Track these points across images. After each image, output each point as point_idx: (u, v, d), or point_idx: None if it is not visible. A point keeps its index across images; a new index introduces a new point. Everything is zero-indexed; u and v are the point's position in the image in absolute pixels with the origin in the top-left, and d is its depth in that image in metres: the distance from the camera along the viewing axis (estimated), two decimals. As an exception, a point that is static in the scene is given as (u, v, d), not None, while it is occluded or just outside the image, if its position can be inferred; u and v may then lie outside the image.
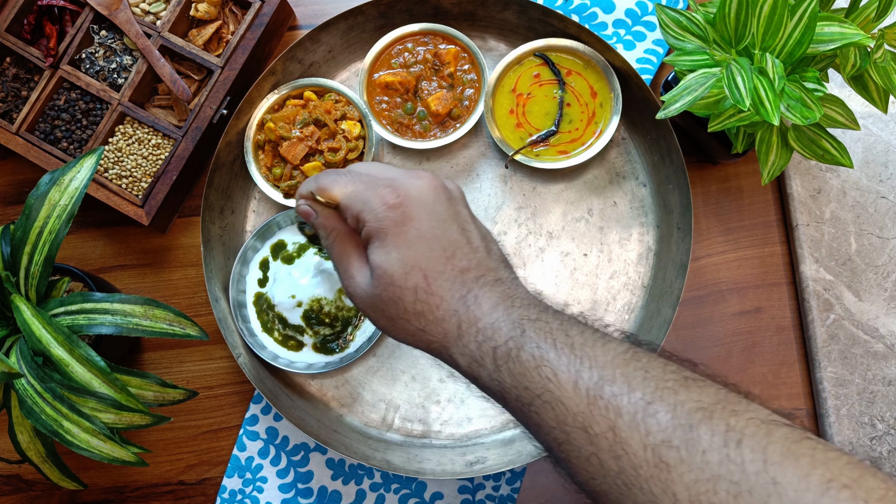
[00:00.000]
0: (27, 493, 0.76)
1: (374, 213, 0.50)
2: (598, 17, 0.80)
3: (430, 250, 0.50)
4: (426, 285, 0.49)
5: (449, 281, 0.49)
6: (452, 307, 0.49)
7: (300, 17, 0.82)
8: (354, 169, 0.54)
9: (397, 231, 0.50)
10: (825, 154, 0.63)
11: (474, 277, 0.50)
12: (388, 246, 0.50)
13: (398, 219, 0.50)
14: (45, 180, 0.60)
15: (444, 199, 0.52)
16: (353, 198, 0.51)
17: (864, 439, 0.71)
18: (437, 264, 0.50)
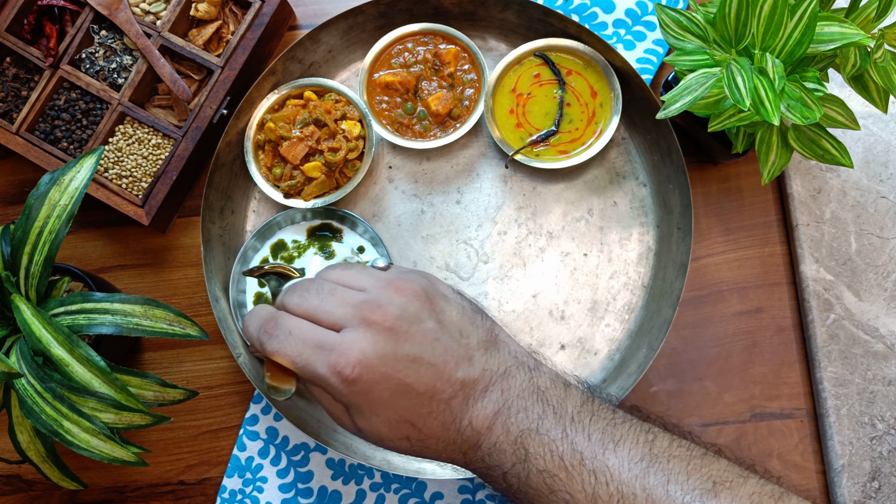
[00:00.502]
0: (27, 493, 0.76)
1: (336, 390, 0.48)
2: (598, 16, 0.80)
3: (408, 399, 0.47)
4: (417, 433, 0.48)
5: (439, 418, 0.48)
6: (451, 439, 0.48)
7: (300, 17, 0.82)
8: (313, 290, 0.51)
9: (367, 400, 0.47)
10: (825, 154, 0.63)
11: (462, 401, 0.48)
12: (365, 414, 0.48)
13: (362, 390, 0.47)
14: (45, 180, 0.60)
15: (426, 312, 0.49)
16: (307, 372, 0.48)
17: (864, 439, 0.71)
18: (421, 408, 0.48)
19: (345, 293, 0.50)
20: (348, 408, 0.49)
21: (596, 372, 0.74)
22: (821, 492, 0.73)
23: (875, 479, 0.70)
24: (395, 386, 0.47)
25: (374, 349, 0.47)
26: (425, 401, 0.48)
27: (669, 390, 0.75)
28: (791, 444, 0.74)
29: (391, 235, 0.76)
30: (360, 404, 0.48)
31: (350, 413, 0.49)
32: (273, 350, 0.50)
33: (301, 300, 0.51)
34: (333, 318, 0.49)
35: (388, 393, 0.47)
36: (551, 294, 0.75)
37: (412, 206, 0.77)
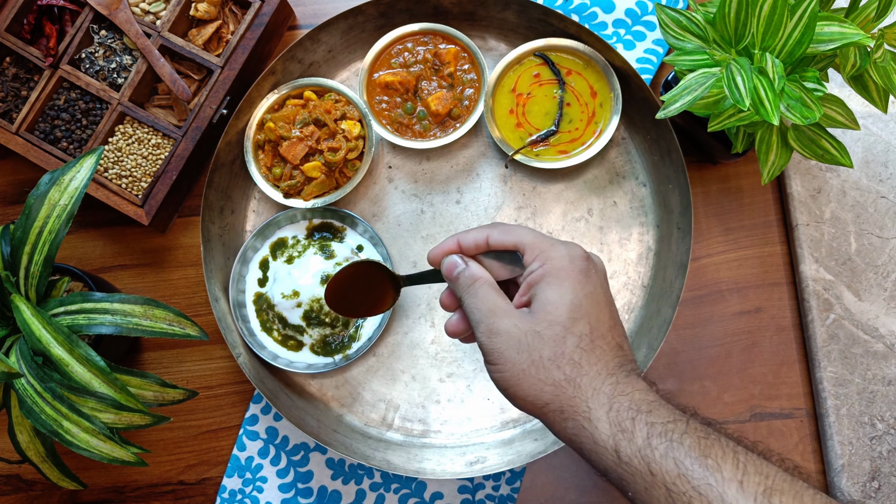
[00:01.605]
0: (27, 492, 0.76)
1: (561, 256, 0.50)
2: (598, 16, 0.80)
3: (599, 310, 0.49)
4: (590, 338, 0.48)
5: (609, 346, 0.49)
6: (610, 369, 0.48)
7: (300, 16, 0.82)
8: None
9: (579, 278, 0.49)
10: (825, 154, 0.63)
11: (627, 357, 0.49)
12: (564, 287, 0.49)
13: (583, 269, 0.50)
14: (44, 180, 0.60)
15: (606, 284, 0.52)
16: (542, 239, 0.51)
17: (864, 439, 0.71)
18: (602, 326, 0.49)
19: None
20: (545, 277, 0.50)
21: (596, 372, 0.74)
22: (821, 491, 0.73)
23: (875, 478, 0.70)
24: (599, 295, 0.50)
25: (598, 263, 0.52)
26: (608, 326, 0.50)
27: (669, 390, 0.75)
28: (791, 444, 0.74)
29: (391, 235, 0.76)
30: (569, 275, 0.49)
31: (539, 284, 0.50)
32: (506, 228, 0.53)
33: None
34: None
35: (592, 289, 0.50)
36: (551, 294, 0.75)
37: (412, 205, 0.77)
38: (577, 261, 0.50)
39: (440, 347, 0.75)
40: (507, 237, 0.52)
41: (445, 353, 0.75)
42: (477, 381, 0.74)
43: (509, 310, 0.50)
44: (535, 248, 0.50)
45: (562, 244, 0.51)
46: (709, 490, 0.42)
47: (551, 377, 0.47)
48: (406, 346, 0.75)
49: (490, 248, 0.53)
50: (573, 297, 0.49)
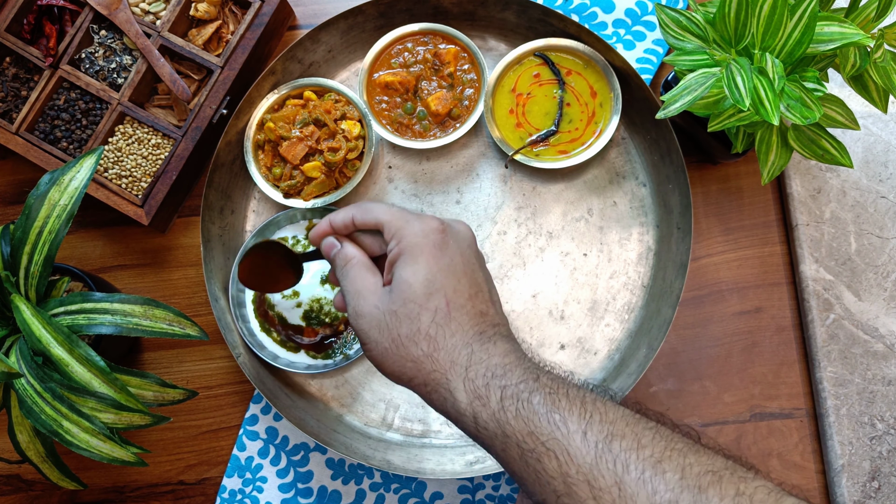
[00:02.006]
0: (27, 492, 0.76)
1: (416, 231, 0.51)
2: (597, 16, 0.80)
3: (457, 282, 0.50)
4: (446, 311, 0.49)
5: (468, 316, 0.50)
6: (467, 340, 0.49)
7: (300, 16, 0.82)
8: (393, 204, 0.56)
9: (433, 252, 0.50)
10: (825, 154, 0.63)
11: (491, 323, 0.50)
12: (419, 263, 0.50)
13: (438, 242, 0.51)
14: (44, 180, 0.60)
15: (475, 248, 0.53)
16: (398, 216, 0.52)
17: (864, 439, 0.71)
18: (460, 297, 0.50)
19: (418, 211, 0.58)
20: (402, 255, 0.51)
21: (596, 372, 0.74)
22: (820, 492, 0.73)
23: (875, 478, 0.70)
24: (457, 265, 0.51)
25: (459, 228, 0.53)
26: (467, 296, 0.50)
27: (669, 390, 0.75)
28: (791, 444, 0.74)
29: (391, 235, 0.76)
30: (422, 250, 0.50)
31: (398, 263, 0.51)
32: (366, 206, 0.54)
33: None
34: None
35: (448, 262, 0.50)
36: (551, 294, 0.75)
37: (412, 205, 0.77)
38: (430, 235, 0.51)
39: (440, 347, 0.75)
40: (368, 216, 0.53)
41: (445, 353, 0.75)
42: (477, 381, 0.74)
43: (375, 290, 0.52)
44: (391, 227, 0.52)
45: (417, 219, 0.52)
46: (555, 444, 0.43)
47: (410, 354, 0.49)
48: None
49: (357, 229, 0.55)
50: (427, 273, 0.49)
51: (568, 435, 0.43)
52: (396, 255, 0.51)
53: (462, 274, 0.51)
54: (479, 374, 0.47)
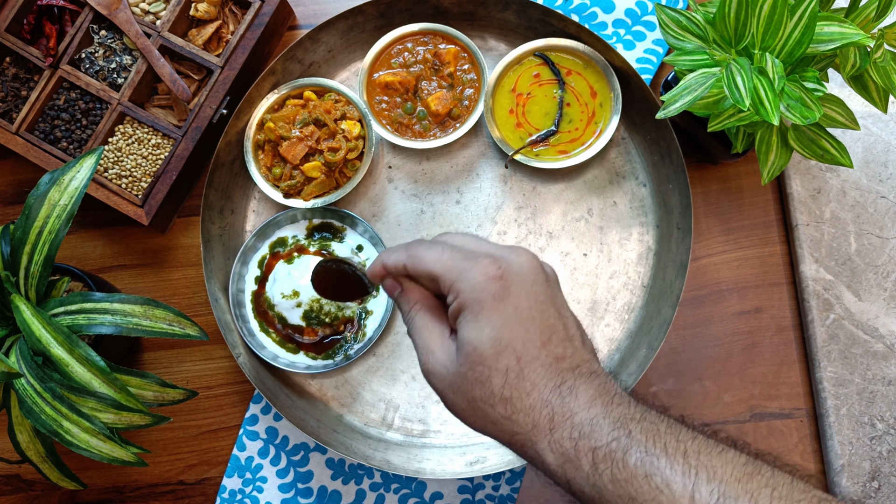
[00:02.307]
0: (27, 492, 0.76)
1: (472, 284, 0.46)
2: (597, 16, 0.80)
3: (526, 331, 0.46)
4: (518, 369, 0.45)
5: (543, 367, 0.46)
6: (545, 396, 0.45)
7: (300, 16, 0.82)
8: (448, 240, 0.50)
9: (494, 306, 0.46)
10: (825, 154, 0.63)
11: (570, 367, 0.46)
12: (481, 321, 0.46)
13: (497, 292, 0.46)
14: (44, 180, 0.60)
15: (542, 279, 0.48)
16: (450, 266, 0.47)
17: (864, 439, 0.71)
18: (532, 348, 0.46)
19: (478, 244, 0.50)
20: (463, 310, 0.46)
21: (596, 372, 0.73)
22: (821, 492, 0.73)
23: (875, 478, 0.70)
24: (523, 310, 0.46)
25: (519, 268, 0.47)
26: (539, 344, 0.46)
27: (669, 390, 0.75)
28: (791, 444, 0.74)
29: (391, 235, 0.76)
30: (483, 305, 0.46)
31: (460, 319, 0.47)
32: (421, 249, 0.49)
33: (432, 249, 0.50)
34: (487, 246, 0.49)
35: (513, 310, 0.46)
36: (551, 294, 0.75)
37: (412, 205, 0.77)
38: (489, 286, 0.46)
39: (440, 347, 0.75)
40: (419, 267, 0.49)
41: (445, 353, 0.75)
42: (477, 381, 0.74)
43: (442, 344, 0.48)
44: (445, 280, 0.47)
45: (471, 267, 0.47)
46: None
47: (489, 416, 0.46)
48: (406, 346, 0.75)
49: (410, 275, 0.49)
50: (491, 331, 0.45)
51: (674, 500, 0.40)
52: (456, 310, 0.47)
53: (530, 320, 0.46)
54: (565, 437, 0.44)
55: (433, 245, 0.49)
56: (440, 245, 0.49)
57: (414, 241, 0.51)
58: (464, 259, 0.47)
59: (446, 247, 0.49)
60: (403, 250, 0.50)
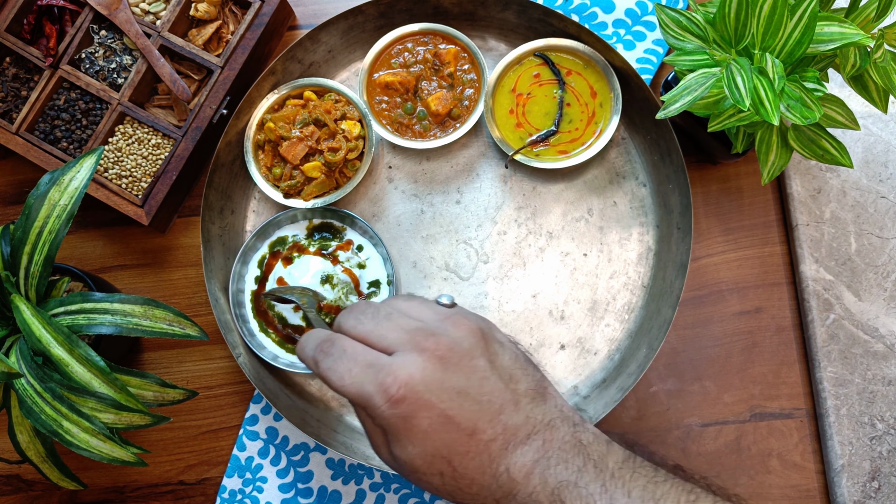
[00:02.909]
0: (27, 492, 0.76)
1: (379, 411, 0.47)
2: (597, 16, 0.80)
3: (448, 433, 0.47)
4: (451, 471, 0.47)
5: (476, 459, 0.47)
6: (486, 483, 0.47)
7: (300, 16, 0.82)
8: (383, 312, 0.51)
9: (407, 426, 0.47)
10: (825, 154, 0.63)
11: (502, 445, 0.47)
12: (402, 441, 0.47)
13: (404, 414, 0.47)
14: (44, 180, 0.60)
15: (479, 350, 0.49)
16: (353, 392, 0.48)
17: (864, 439, 0.71)
18: (459, 445, 0.47)
19: (401, 319, 0.50)
20: (387, 432, 0.48)
21: (596, 372, 0.74)
22: (821, 492, 0.73)
23: (875, 478, 0.70)
24: (437, 416, 0.47)
25: (421, 374, 0.47)
26: (464, 438, 0.47)
27: (669, 390, 0.75)
28: (791, 444, 0.74)
29: (391, 235, 0.76)
30: (399, 429, 0.47)
31: (388, 439, 0.48)
32: (326, 367, 0.50)
33: (357, 322, 0.51)
34: (386, 342, 0.49)
35: (427, 422, 0.47)
36: (551, 294, 0.75)
37: (412, 205, 0.77)
38: (392, 411, 0.47)
39: (440, 347, 0.75)
40: (330, 385, 0.50)
41: (445, 353, 0.75)
42: (477, 381, 0.74)
43: (384, 442, 0.50)
44: (356, 402, 0.49)
45: (374, 392, 0.47)
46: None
47: (452, 499, 0.48)
48: (406, 346, 0.75)
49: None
50: (413, 448, 0.47)
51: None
52: (381, 428, 0.49)
53: (448, 421, 0.47)
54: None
55: (335, 346, 0.50)
56: (341, 347, 0.50)
57: (319, 331, 0.53)
58: (363, 376, 0.48)
59: (350, 347, 0.49)
60: (313, 363, 0.51)
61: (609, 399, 0.70)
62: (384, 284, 0.74)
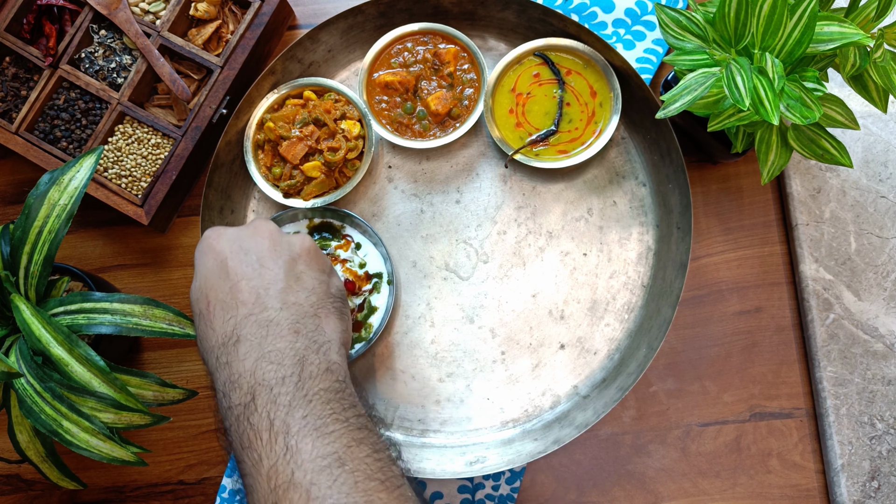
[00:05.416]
0: (27, 492, 0.76)
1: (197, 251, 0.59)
2: (597, 16, 0.80)
3: (218, 276, 0.55)
4: (207, 311, 0.54)
5: (225, 310, 0.53)
6: (219, 342, 0.52)
7: (300, 16, 0.82)
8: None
9: (198, 262, 0.57)
10: (825, 154, 0.63)
11: (246, 314, 0.53)
12: (195, 274, 0.57)
13: (201, 249, 0.58)
14: (44, 180, 0.60)
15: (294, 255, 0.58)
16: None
17: (864, 439, 0.71)
18: (219, 290, 0.54)
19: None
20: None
21: (595, 371, 0.74)
22: (820, 491, 0.73)
23: (874, 478, 0.70)
24: (219, 260, 0.56)
25: (230, 231, 0.59)
26: (226, 286, 0.54)
27: (669, 390, 0.75)
28: (790, 444, 0.74)
29: (391, 235, 0.76)
30: (195, 263, 0.58)
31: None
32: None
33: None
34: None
35: (212, 262, 0.56)
36: (551, 294, 0.75)
37: (412, 205, 0.77)
38: (199, 244, 0.58)
39: (440, 347, 0.75)
40: None
41: (445, 353, 0.75)
42: (476, 381, 0.74)
43: None
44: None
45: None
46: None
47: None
48: (406, 346, 0.75)
49: None
50: (194, 283, 0.57)
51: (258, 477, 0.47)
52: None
53: (241, 254, 0.56)
54: (223, 377, 0.51)
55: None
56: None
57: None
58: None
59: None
60: None
61: (609, 399, 0.70)
62: (384, 284, 0.74)
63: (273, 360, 0.50)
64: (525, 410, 0.73)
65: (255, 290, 0.54)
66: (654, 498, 0.74)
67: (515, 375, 0.74)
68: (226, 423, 0.50)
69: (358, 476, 0.45)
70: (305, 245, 0.60)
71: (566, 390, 0.74)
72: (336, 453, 0.46)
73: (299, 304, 0.55)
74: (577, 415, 0.71)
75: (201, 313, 0.54)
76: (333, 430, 0.47)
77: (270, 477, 0.45)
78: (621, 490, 0.74)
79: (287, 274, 0.56)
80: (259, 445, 0.46)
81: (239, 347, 0.51)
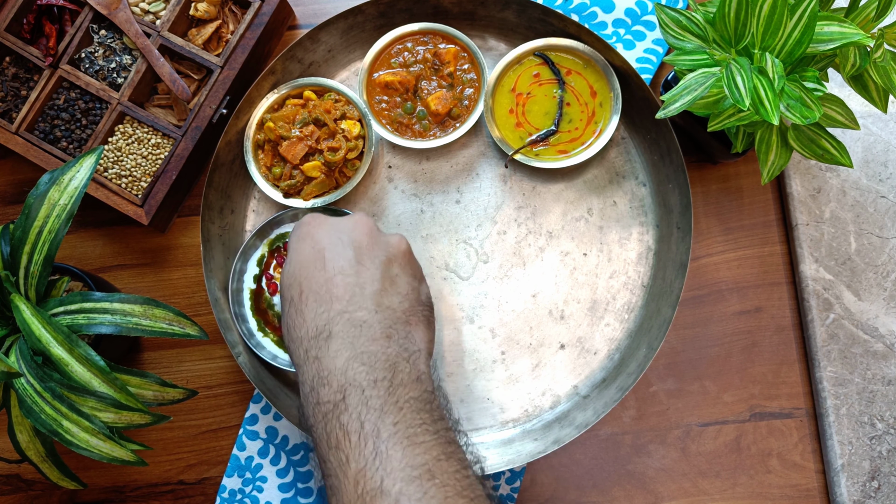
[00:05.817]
0: (27, 492, 0.76)
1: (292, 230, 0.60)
2: (597, 16, 0.80)
3: (313, 265, 0.55)
4: (299, 300, 0.53)
5: (318, 303, 0.52)
6: (309, 334, 0.51)
7: (300, 16, 0.82)
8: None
9: (294, 247, 0.58)
10: (825, 154, 0.63)
11: (340, 310, 0.52)
12: (288, 258, 0.57)
13: (299, 234, 0.58)
14: (44, 180, 0.60)
15: (390, 255, 0.57)
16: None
17: (864, 439, 0.71)
18: (313, 281, 0.54)
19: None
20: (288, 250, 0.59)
21: (595, 371, 0.74)
22: (820, 491, 0.73)
23: (874, 478, 0.70)
24: (316, 250, 0.56)
25: (327, 220, 0.59)
26: (322, 277, 0.54)
27: (669, 390, 0.75)
28: (791, 444, 0.74)
29: (391, 235, 0.76)
30: (290, 248, 0.58)
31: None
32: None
33: None
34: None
35: (309, 250, 0.56)
36: (551, 294, 0.75)
37: (412, 205, 0.77)
38: (296, 229, 0.60)
39: (439, 347, 0.75)
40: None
41: (445, 353, 0.75)
42: (477, 381, 0.74)
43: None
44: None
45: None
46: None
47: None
48: (406, 346, 0.75)
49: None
50: (286, 267, 0.57)
51: (345, 477, 0.46)
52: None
53: (340, 246, 0.56)
54: (313, 371, 0.50)
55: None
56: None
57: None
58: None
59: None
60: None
61: (609, 399, 0.70)
62: (384, 284, 0.74)
63: (365, 361, 0.49)
64: (525, 410, 0.73)
65: (350, 288, 0.53)
66: (654, 498, 0.74)
67: (515, 375, 0.74)
68: (310, 421, 0.49)
69: (448, 491, 0.44)
70: (402, 247, 0.59)
71: (566, 390, 0.74)
72: (426, 465, 0.44)
73: (392, 308, 0.54)
74: (577, 415, 0.71)
75: (293, 300, 0.53)
76: (424, 441, 0.46)
77: (358, 481, 0.44)
78: (621, 490, 0.74)
79: (383, 275, 0.55)
80: (347, 447, 0.45)
81: (330, 343, 0.49)
